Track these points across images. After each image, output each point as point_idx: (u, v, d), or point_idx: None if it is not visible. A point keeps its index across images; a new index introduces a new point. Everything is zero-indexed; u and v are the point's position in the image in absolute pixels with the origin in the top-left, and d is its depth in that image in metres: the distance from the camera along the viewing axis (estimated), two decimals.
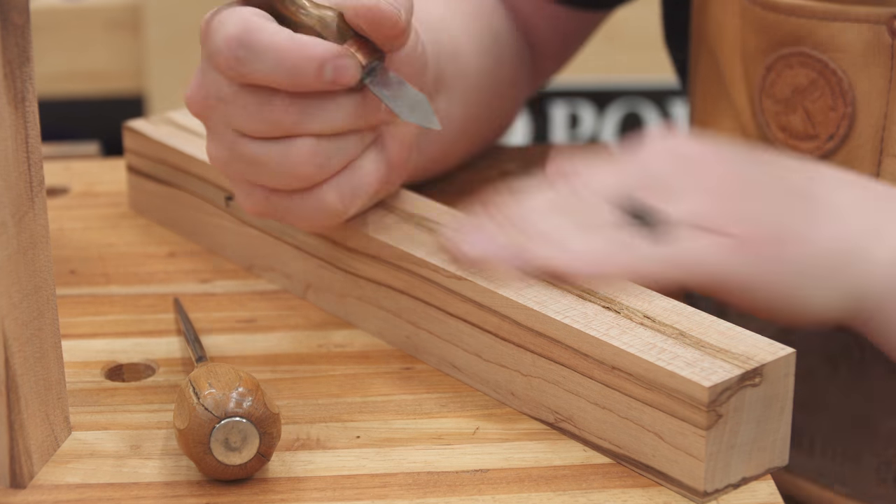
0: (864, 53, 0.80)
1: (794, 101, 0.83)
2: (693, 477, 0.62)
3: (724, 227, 0.69)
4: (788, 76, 0.83)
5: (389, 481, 0.64)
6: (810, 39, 0.81)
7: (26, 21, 0.61)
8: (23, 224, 0.62)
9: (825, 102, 0.82)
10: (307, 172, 0.70)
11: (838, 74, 0.81)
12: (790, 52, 0.82)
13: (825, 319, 0.71)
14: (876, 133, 0.81)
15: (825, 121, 0.82)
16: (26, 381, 0.63)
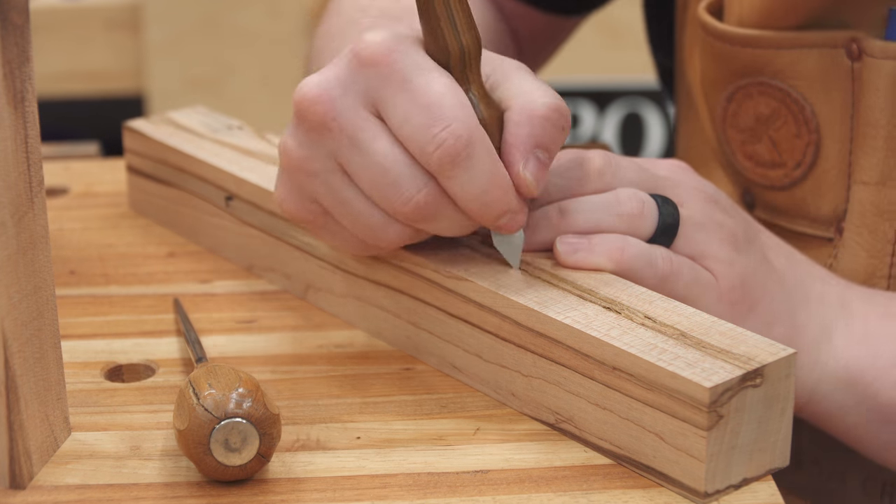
0: (823, 79, 0.79)
1: (758, 130, 0.82)
2: (694, 478, 0.62)
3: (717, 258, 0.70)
4: (749, 106, 0.82)
5: (390, 482, 0.64)
6: (769, 69, 0.80)
7: (26, 21, 0.60)
8: (22, 224, 0.62)
9: (789, 130, 0.81)
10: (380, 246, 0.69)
11: (800, 102, 0.80)
12: (749, 82, 0.82)
13: None
14: (843, 158, 0.80)
15: (791, 148, 0.81)
16: (26, 381, 0.63)
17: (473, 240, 0.73)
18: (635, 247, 0.69)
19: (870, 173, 0.79)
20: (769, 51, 0.80)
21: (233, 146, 0.85)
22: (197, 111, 0.91)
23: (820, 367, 0.73)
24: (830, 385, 0.74)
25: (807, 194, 0.81)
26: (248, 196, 0.81)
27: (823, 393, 0.74)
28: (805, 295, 0.74)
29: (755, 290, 0.71)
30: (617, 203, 0.70)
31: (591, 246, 0.69)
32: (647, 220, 0.70)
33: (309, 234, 0.74)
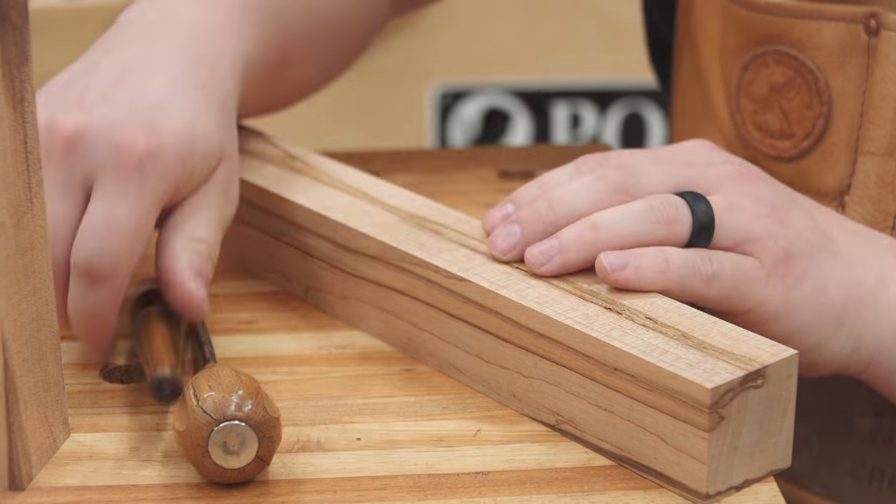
0: (840, 52, 0.80)
1: (770, 99, 0.83)
2: (695, 479, 0.62)
3: (758, 238, 0.70)
4: (765, 75, 0.83)
5: (390, 483, 0.64)
6: (787, 38, 0.81)
7: (25, 21, 0.60)
8: (21, 225, 0.62)
9: (801, 101, 0.82)
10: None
11: (815, 73, 0.81)
12: (766, 50, 0.82)
13: (829, 369, 0.72)
14: (851, 132, 0.81)
15: (801, 119, 0.82)
16: (25, 382, 0.63)
17: (473, 240, 0.73)
18: (678, 256, 0.68)
19: (877, 144, 0.80)
20: (789, 19, 0.81)
21: None
22: None
23: (883, 318, 0.72)
24: (892, 338, 0.72)
25: (813, 166, 0.82)
26: (248, 196, 0.81)
27: (885, 346, 0.72)
28: (856, 253, 0.73)
29: (802, 257, 0.70)
30: (651, 210, 0.69)
31: (637, 261, 0.68)
32: (683, 224, 0.69)
33: None
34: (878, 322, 0.72)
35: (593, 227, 0.69)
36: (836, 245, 0.72)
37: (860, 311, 0.72)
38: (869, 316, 0.72)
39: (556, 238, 0.69)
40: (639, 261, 0.68)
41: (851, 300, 0.71)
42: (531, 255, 0.70)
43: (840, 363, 0.72)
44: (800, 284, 0.70)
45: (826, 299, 0.71)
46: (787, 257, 0.70)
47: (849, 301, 0.71)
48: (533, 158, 0.96)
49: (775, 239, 0.70)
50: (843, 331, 0.71)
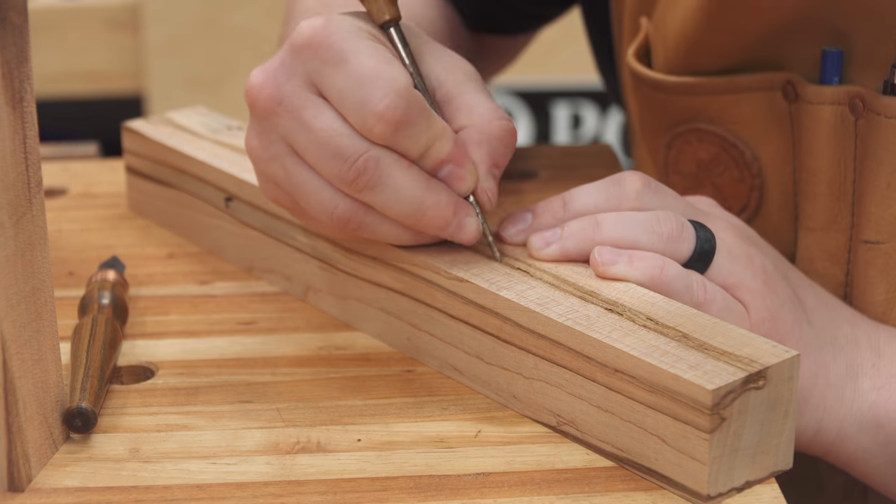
0: (762, 122, 0.78)
1: (700, 176, 0.81)
2: (696, 481, 0.62)
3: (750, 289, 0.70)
4: (689, 152, 0.81)
5: (390, 485, 0.64)
6: (705, 114, 0.79)
7: (24, 21, 0.60)
8: (21, 225, 0.62)
9: (731, 175, 0.80)
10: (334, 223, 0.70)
11: (739, 147, 0.79)
12: (686, 128, 0.80)
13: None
14: (788, 200, 0.79)
15: (735, 193, 0.80)
16: (24, 383, 0.63)
17: None
18: (674, 269, 0.69)
19: (815, 219, 0.78)
20: (704, 97, 0.79)
21: (232, 147, 0.85)
22: (196, 111, 0.91)
23: (845, 407, 0.72)
24: (856, 427, 0.72)
25: None
26: (248, 197, 0.81)
27: (849, 435, 0.72)
28: (833, 334, 0.73)
29: (784, 326, 0.70)
30: (656, 222, 0.70)
31: (631, 260, 0.69)
32: (685, 243, 0.70)
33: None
34: (842, 410, 0.72)
35: (597, 224, 0.70)
36: (814, 325, 0.72)
37: (826, 394, 0.72)
38: (833, 402, 0.72)
39: (560, 228, 0.71)
40: (633, 259, 0.68)
41: (819, 383, 0.71)
42: (533, 238, 0.71)
43: (803, 442, 0.72)
44: None
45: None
46: (771, 319, 0.70)
47: (816, 383, 0.71)
48: (534, 158, 0.96)
49: (764, 297, 0.70)
50: (808, 410, 0.71)
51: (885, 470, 0.73)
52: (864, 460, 0.73)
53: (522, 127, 2.14)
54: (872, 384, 0.72)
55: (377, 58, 0.68)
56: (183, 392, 0.71)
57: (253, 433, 0.67)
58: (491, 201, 0.70)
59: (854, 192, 0.76)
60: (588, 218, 0.70)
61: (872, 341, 0.74)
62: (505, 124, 0.70)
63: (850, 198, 0.76)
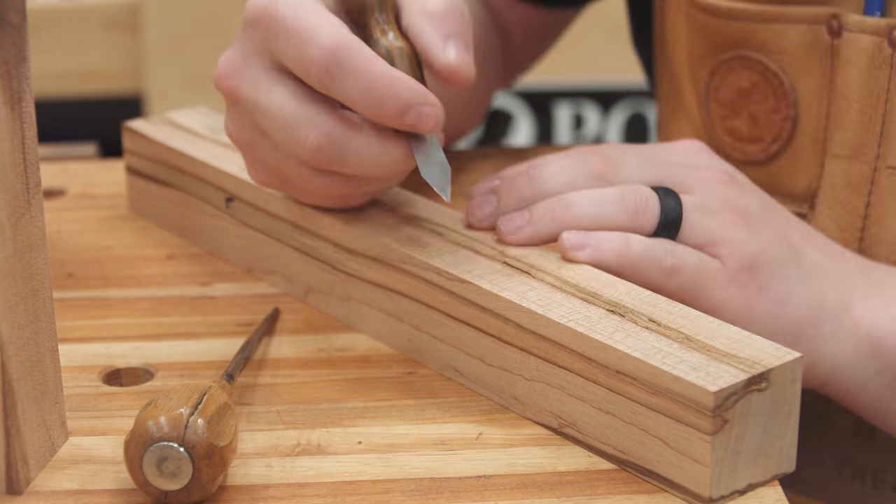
0: (804, 54, 0.81)
1: (738, 104, 0.84)
2: (698, 483, 0.61)
3: (725, 241, 0.71)
4: (731, 80, 0.83)
5: (391, 487, 0.63)
6: (751, 42, 0.82)
7: (23, 20, 0.60)
8: (19, 226, 0.61)
9: (768, 105, 0.82)
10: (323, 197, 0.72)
11: (779, 77, 0.81)
12: (731, 55, 0.83)
13: None
14: (818, 135, 0.81)
15: (769, 123, 0.83)
16: (23, 385, 0.62)
17: (475, 242, 0.73)
18: (639, 244, 0.70)
19: (842, 146, 0.80)
20: (752, 24, 0.82)
21: (233, 147, 0.84)
22: (197, 111, 0.90)
23: (841, 337, 0.73)
24: (852, 355, 0.73)
25: (783, 169, 0.82)
26: (249, 198, 0.80)
27: (845, 364, 0.74)
28: (824, 269, 0.74)
29: (767, 268, 0.72)
30: (621, 198, 0.71)
31: (598, 244, 0.70)
32: (649, 215, 0.71)
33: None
34: (837, 342, 0.73)
35: (563, 204, 0.71)
36: (804, 260, 0.73)
37: (819, 328, 0.73)
38: (828, 334, 0.73)
39: (528, 211, 0.72)
40: (599, 242, 0.70)
41: (811, 317, 0.72)
42: (502, 223, 0.72)
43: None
44: (760, 294, 0.71)
45: (785, 313, 0.72)
46: (751, 265, 0.71)
47: (808, 318, 0.72)
48: (536, 159, 0.96)
49: (742, 246, 0.71)
50: (800, 347, 0.72)
51: (881, 398, 0.74)
52: (862, 387, 0.74)
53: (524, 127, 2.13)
54: (866, 312, 0.74)
55: (309, 9, 0.68)
56: None
57: (253, 435, 0.67)
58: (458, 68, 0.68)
59: (883, 122, 0.79)
60: (556, 199, 0.72)
61: (865, 272, 0.76)
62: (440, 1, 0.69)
63: (879, 129, 0.79)
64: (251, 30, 0.69)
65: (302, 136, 0.68)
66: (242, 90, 0.69)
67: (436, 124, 0.68)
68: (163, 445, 0.60)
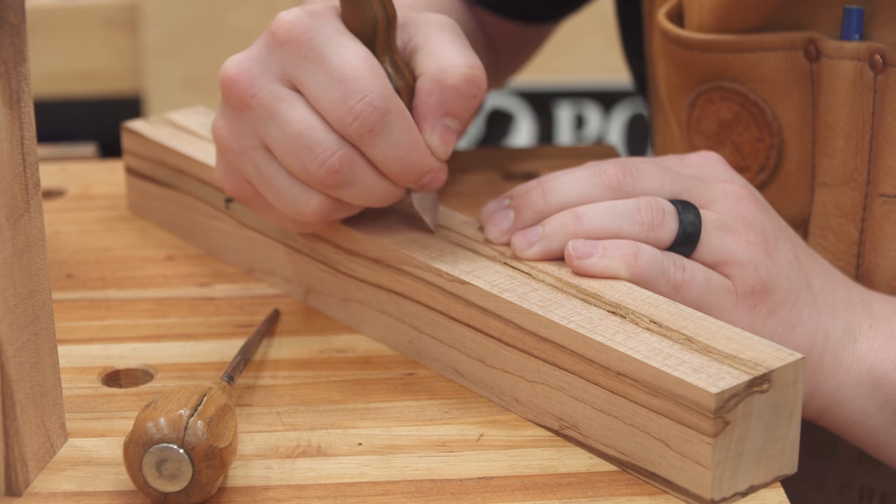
0: (783, 81, 0.79)
1: (721, 135, 0.82)
2: (700, 485, 0.61)
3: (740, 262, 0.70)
4: (712, 111, 0.82)
5: (392, 489, 0.63)
6: (728, 73, 0.80)
7: (22, 20, 0.60)
8: (18, 227, 0.61)
9: (751, 134, 0.81)
10: (304, 219, 0.71)
11: (760, 105, 0.80)
12: (709, 87, 0.81)
13: None
14: (806, 160, 0.80)
15: (754, 153, 0.81)
16: (22, 387, 0.62)
17: (475, 243, 0.72)
18: (649, 254, 0.69)
19: (831, 175, 0.79)
20: (728, 55, 0.80)
21: None
22: (196, 112, 0.90)
23: (844, 369, 0.72)
24: (853, 388, 0.73)
25: (772, 198, 0.81)
26: None
27: (846, 396, 0.73)
28: (831, 298, 0.73)
29: (777, 293, 0.70)
30: (637, 211, 0.70)
31: (605, 251, 0.69)
32: (666, 230, 0.70)
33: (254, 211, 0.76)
34: (839, 373, 0.72)
35: (577, 218, 0.70)
36: (813, 289, 0.72)
37: (823, 358, 0.72)
38: (831, 365, 0.72)
39: (542, 226, 0.71)
40: (607, 249, 0.69)
41: (817, 347, 0.71)
42: (516, 239, 0.71)
43: None
44: (769, 319, 0.70)
45: (791, 340, 0.71)
46: (763, 289, 0.70)
47: (814, 347, 0.71)
48: (537, 159, 0.96)
49: (756, 268, 0.70)
50: (805, 374, 0.71)
51: (880, 432, 0.73)
52: (862, 422, 0.73)
53: (524, 127, 2.13)
54: (871, 345, 0.73)
55: (358, 56, 0.67)
56: None
57: (253, 437, 0.67)
58: (436, 153, 0.70)
59: (871, 148, 0.77)
60: (568, 212, 0.70)
61: (867, 304, 0.75)
62: (462, 71, 0.69)
63: (867, 154, 0.77)
64: (279, 48, 0.68)
65: (323, 155, 0.68)
66: (258, 99, 0.68)
67: (440, 184, 0.71)
68: (162, 447, 0.59)
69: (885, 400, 0.72)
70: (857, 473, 0.84)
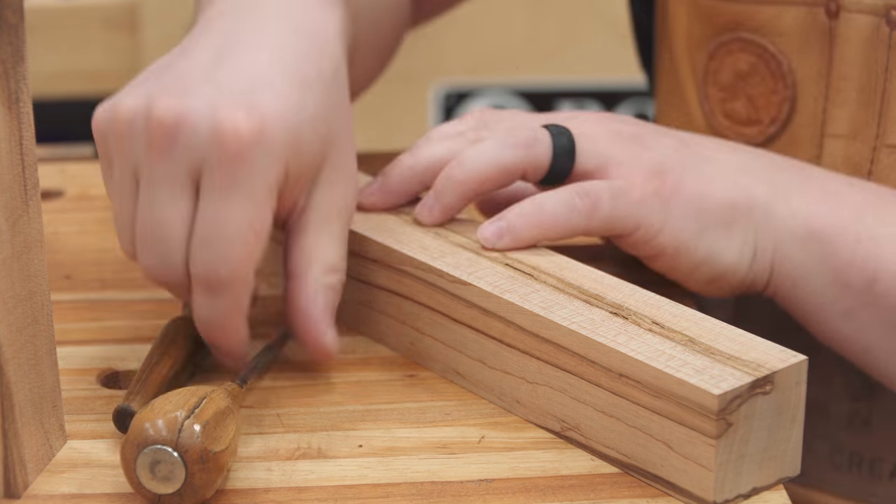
0: (802, 36, 0.82)
1: (736, 87, 0.85)
2: (702, 487, 0.61)
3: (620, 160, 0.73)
4: (730, 62, 0.85)
5: (392, 491, 0.63)
6: (749, 24, 0.83)
7: (20, 20, 0.60)
8: (17, 228, 0.61)
9: (766, 86, 0.84)
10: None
11: (777, 58, 0.83)
12: (730, 38, 0.84)
13: (733, 282, 0.74)
14: (816, 115, 0.82)
15: (767, 105, 0.84)
16: (20, 388, 0.62)
17: (477, 244, 0.72)
18: (550, 199, 0.71)
19: (842, 126, 0.81)
20: (750, 6, 0.83)
21: None
22: None
23: (778, 223, 0.74)
24: (791, 243, 0.74)
25: (781, 151, 0.83)
26: None
27: (786, 253, 0.74)
28: (747, 166, 0.75)
29: (673, 171, 0.73)
30: (510, 135, 0.73)
31: (510, 225, 0.71)
32: (543, 145, 0.72)
33: None
34: (775, 229, 0.74)
35: (460, 164, 0.72)
36: (715, 160, 0.75)
37: (751, 214, 0.74)
38: (762, 220, 0.74)
39: (432, 189, 0.73)
40: (513, 220, 0.71)
41: (740, 205, 0.74)
42: (418, 211, 0.74)
43: (742, 275, 0.74)
44: (677, 194, 0.73)
45: (708, 205, 0.73)
46: (658, 172, 0.73)
47: (737, 206, 0.73)
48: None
49: (638, 158, 0.73)
50: (736, 237, 0.73)
51: (818, 294, 0.74)
52: (801, 282, 0.74)
53: None
54: (804, 200, 0.74)
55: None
56: None
57: (253, 439, 0.67)
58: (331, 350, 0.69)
59: (882, 101, 0.80)
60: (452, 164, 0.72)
61: (800, 169, 0.77)
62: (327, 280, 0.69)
63: (878, 107, 0.80)
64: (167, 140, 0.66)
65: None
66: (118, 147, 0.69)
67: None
68: (156, 448, 0.59)
69: (823, 256, 0.74)
70: (846, 439, 0.85)
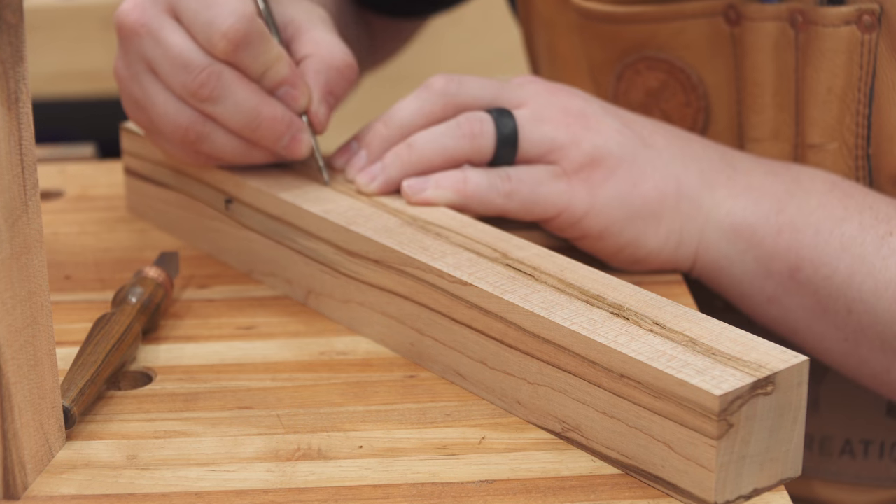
0: (706, 47, 0.84)
1: (649, 104, 0.87)
2: (703, 488, 0.61)
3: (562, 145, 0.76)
4: (639, 82, 0.86)
5: (393, 492, 0.63)
6: (653, 43, 0.85)
7: (20, 20, 0.60)
8: (16, 228, 0.61)
9: (678, 100, 0.86)
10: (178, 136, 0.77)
11: (686, 71, 0.85)
12: (635, 58, 0.86)
13: (655, 264, 0.78)
14: (733, 119, 0.85)
15: (682, 117, 0.86)
16: (20, 389, 0.62)
17: (477, 244, 0.72)
18: (476, 176, 0.76)
19: (761, 130, 0.83)
20: (651, 25, 0.84)
21: None
22: None
23: (704, 214, 0.77)
24: (716, 233, 0.77)
25: None
26: (248, 199, 0.80)
27: (710, 242, 0.77)
28: (681, 153, 0.78)
29: (609, 159, 0.76)
30: (458, 126, 0.77)
31: (437, 183, 0.76)
32: (486, 136, 0.77)
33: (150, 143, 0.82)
34: (700, 217, 0.77)
35: (409, 146, 0.78)
36: (655, 147, 0.78)
37: (680, 205, 0.77)
38: (690, 209, 0.77)
39: (381, 160, 0.78)
40: (439, 181, 0.76)
41: (669, 195, 0.77)
42: (360, 177, 0.78)
43: (666, 257, 0.78)
44: (606, 183, 0.76)
45: (639, 195, 0.76)
46: (591, 161, 0.76)
47: (666, 197, 0.77)
48: None
49: (579, 144, 0.76)
50: (662, 225, 0.77)
51: (744, 280, 0.78)
52: (726, 269, 0.78)
53: None
54: (728, 192, 0.78)
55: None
56: (181, 398, 0.70)
57: (253, 440, 0.66)
58: (322, 124, 0.78)
59: (797, 102, 0.82)
60: (402, 144, 0.78)
61: (727, 159, 0.80)
62: (345, 57, 0.79)
63: (794, 108, 0.82)
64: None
65: (196, 70, 0.75)
66: (147, 27, 0.76)
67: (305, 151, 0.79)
68: None
69: (746, 247, 0.77)
70: (837, 426, 0.86)
